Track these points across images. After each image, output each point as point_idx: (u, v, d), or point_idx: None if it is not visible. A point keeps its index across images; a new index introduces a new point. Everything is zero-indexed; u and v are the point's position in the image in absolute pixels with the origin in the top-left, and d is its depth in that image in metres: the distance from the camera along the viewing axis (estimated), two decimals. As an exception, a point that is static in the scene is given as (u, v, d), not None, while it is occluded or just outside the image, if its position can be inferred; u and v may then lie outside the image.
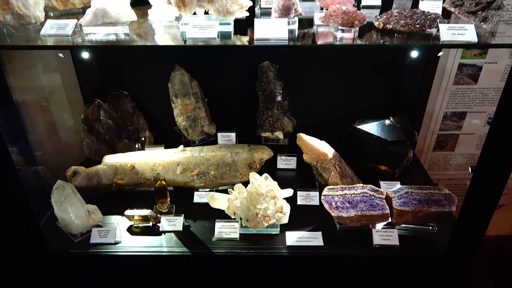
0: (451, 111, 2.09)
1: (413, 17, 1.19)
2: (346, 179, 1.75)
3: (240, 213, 1.54)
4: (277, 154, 1.97)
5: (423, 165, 2.25)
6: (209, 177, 1.75)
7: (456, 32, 1.12)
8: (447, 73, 1.97)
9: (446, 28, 1.13)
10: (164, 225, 1.61)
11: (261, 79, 1.94)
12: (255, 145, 1.85)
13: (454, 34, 1.12)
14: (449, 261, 1.51)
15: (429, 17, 1.19)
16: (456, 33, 1.12)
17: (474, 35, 1.12)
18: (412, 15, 1.20)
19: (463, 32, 1.12)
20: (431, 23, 1.18)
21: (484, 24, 1.22)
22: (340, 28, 1.17)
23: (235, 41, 1.29)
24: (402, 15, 1.22)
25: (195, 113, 1.95)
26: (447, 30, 1.13)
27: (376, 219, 1.54)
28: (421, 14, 1.20)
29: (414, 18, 1.19)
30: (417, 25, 1.18)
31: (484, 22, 1.22)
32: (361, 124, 1.85)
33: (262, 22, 1.20)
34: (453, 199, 1.55)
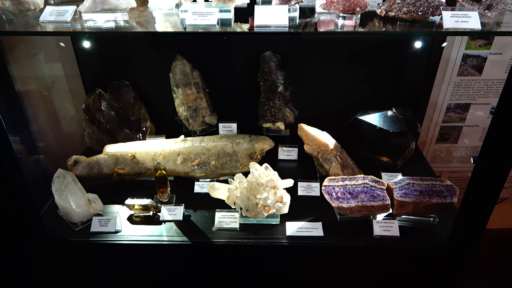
0: (454, 102, 2.07)
1: (416, 4, 1.17)
2: (347, 170, 1.74)
3: (240, 203, 1.54)
4: (279, 145, 1.96)
5: (426, 157, 2.23)
6: (210, 167, 1.74)
7: (459, 20, 1.10)
8: (451, 64, 1.94)
9: (449, 15, 1.11)
10: (165, 215, 1.61)
11: (263, 69, 1.92)
12: (256, 135, 1.84)
13: (458, 21, 1.10)
14: (450, 253, 1.50)
15: (432, 4, 1.17)
16: (460, 21, 1.10)
17: (477, 23, 1.09)
18: (415, 2, 1.18)
19: (466, 20, 1.10)
20: (434, 10, 1.16)
21: (488, 12, 1.20)
22: (341, 15, 1.15)
23: (235, 29, 1.27)
24: (405, 2, 1.20)
25: (196, 103, 1.95)
26: (451, 18, 1.11)
27: (377, 210, 1.53)
28: (424, 1, 1.18)
29: (417, 6, 1.17)
30: (419, 13, 1.16)
31: (488, 10, 1.20)
32: (363, 115, 1.83)
33: (263, 9, 1.19)
34: (455, 190, 1.53)
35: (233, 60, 1.97)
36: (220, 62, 1.98)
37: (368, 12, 1.26)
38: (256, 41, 1.92)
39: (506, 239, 2.73)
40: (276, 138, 1.95)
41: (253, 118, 2.02)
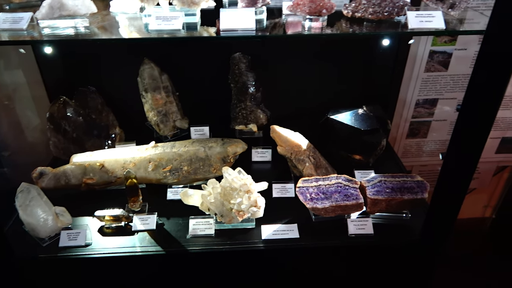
0: (423, 98, 2.11)
1: (381, 5, 1.18)
2: (320, 170, 1.74)
3: (214, 208, 1.51)
4: (252, 147, 1.94)
5: (397, 152, 2.27)
6: (182, 173, 1.70)
7: (424, 19, 1.11)
8: (418, 61, 1.97)
9: (414, 15, 1.12)
10: (137, 224, 1.56)
11: (233, 71, 1.90)
12: (229, 138, 1.81)
13: (422, 21, 1.11)
14: (423, 247, 1.52)
15: (397, 4, 1.17)
16: (424, 20, 1.11)
17: (441, 22, 1.11)
18: (381, 2, 1.18)
19: (430, 19, 1.11)
20: (399, 10, 1.17)
21: (452, 10, 1.22)
22: (308, 17, 1.14)
23: (201, 33, 1.24)
24: (370, 3, 1.20)
25: (166, 108, 1.90)
26: (415, 18, 1.11)
27: (351, 209, 1.54)
28: (389, 2, 1.18)
29: (383, 6, 1.17)
30: (385, 13, 1.16)
31: (452, 8, 1.22)
32: (334, 114, 1.84)
33: (228, 12, 1.16)
34: (425, 186, 1.56)
35: (203, 62, 1.94)
36: (189, 64, 1.94)
37: (335, 13, 1.26)
38: (226, 42, 1.89)
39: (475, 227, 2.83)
40: (249, 140, 1.93)
41: (225, 120, 2.00)
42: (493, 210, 2.74)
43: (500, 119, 2.22)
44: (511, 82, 2.11)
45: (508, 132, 2.28)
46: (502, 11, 1.02)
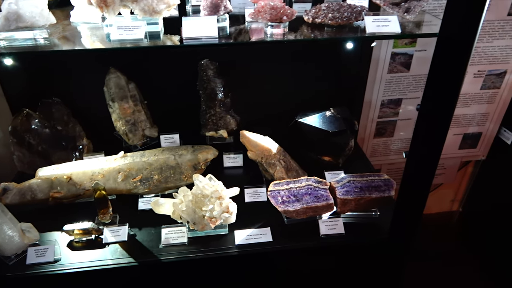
0: (387, 98, 2.17)
1: (340, 11, 1.21)
2: (291, 173, 1.76)
3: (186, 216, 1.50)
4: (223, 153, 1.94)
5: (366, 152, 2.33)
6: (153, 182, 1.69)
7: (380, 24, 1.15)
8: (381, 63, 2.04)
9: (371, 20, 1.16)
10: (108, 237, 1.54)
11: (201, 78, 1.90)
12: (199, 145, 1.81)
13: (379, 26, 1.15)
14: (392, 243, 1.57)
15: (355, 10, 1.21)
16: (381, 25, 1.15)
17: (397, 26, 1.15)
18: (339, 8, 1.22)
19: (387, 24, 1.15)
20: (357, 15, 1.20)
21: (407, 14, 1.27)
22: (269, 24, 1.16)
23: (165, 41, 1.24)
24: (330, 9, 1.23)
25: (134, 117, 1.88)
26: (372, 22, 1.15)
27: (322, 210, 1.56)
28: (347, 7, 1.22)
29: (341, 12, 1.21)
30: (344, 18, 1.20)
31: (407, 12, 1.27)
32: (303, 117, 1.87)
33: (191, 21, 1.16)
34: (392, 184, 1.60)
35: (170, 70, 1.93)
36: (157, 72, 1.93)
37: (296, 19, 1.28)
38: (193, 49, 1.89)
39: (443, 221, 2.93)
40: (220, 146, 1.93)
41: (195, 127, 2.00)
42: (459, 203, 2.85)
43: (461, 116, 2.32)
44: (470, 81, 2.22)
45: (470, 128, 2.38)
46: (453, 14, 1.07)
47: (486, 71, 2.15)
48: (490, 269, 2.53)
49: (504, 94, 2.25)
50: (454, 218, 2.90)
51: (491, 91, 2.24)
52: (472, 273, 2.54)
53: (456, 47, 1.11)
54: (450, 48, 1.12)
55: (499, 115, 2.34)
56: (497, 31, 2.02)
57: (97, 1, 1.14)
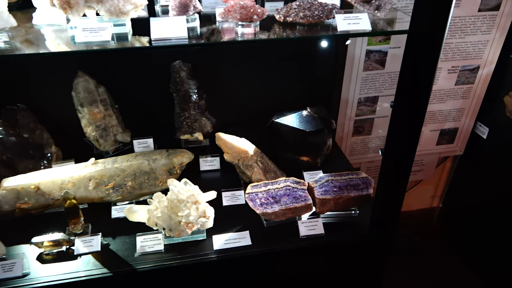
0: (364, 96, 2.22)
1: (311, 9, 1.24)
2: (269, 174, 1.78)
3: (162, 223, 1.50)
4: (199, 156, 1.94)
5: (344, 151, 2.37)
6: (127, 189, 1.67)
7: (351, 22, 1.18)
8: (356, 60, 2.08)
9: (342, 18, 1.19)
10: (80, 248, 1.51)
11: (174, 80, 1.90)
12: (174, 149, 1.80)
13: (350, 23, 1.18)
14: (372, 241, 1.60)
15: (326, 8, 1.24)
16: (352, 23, 1.18)
17: (368, 24, 1.18)
18: (310, 6, 1.24)
19: (357, 22, 1.18)
20: (328, 14, 1.23)
21: (378, 12, 1.30)
22: (240, 24, 1.17)
23: (133, 43, 1.23)
24: (301, 7, 1.25)
25: (105, 122, 1.86)
26: (343, 20, 1.18)
27: (301, 211, 1.58)
28: (318, 6, 1.25)
29: (312, 10, 1.23)
30: (315, 17, 1.22)
31: (377, 10, 1.30)
32: (279, 117, 1.89)
33: (159, 21, 1.17)
34: (370, 182, 1.64)
35: (142, 72, 1.92)
36: (128, 75, 1.91)
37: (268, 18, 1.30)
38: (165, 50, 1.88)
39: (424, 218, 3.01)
40: (196, 149, 1.94)
41: (170, 131, 1.99)
42: (439, 199, 2.93)
43: (437, 112, 2.39)
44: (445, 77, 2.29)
45: (446, 124, 2.45)
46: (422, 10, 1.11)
47: (460, 66, 2.23)
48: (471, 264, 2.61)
49: (478, 89, 2.33)
50: (435, 214, 2.99)
51: (466, 87, 2.32)
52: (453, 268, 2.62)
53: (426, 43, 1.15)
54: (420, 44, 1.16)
55: (474, 110, 2.42)
56: (469, 27, 2.09)
57: (60, 3, 1.12)
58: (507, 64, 2.22)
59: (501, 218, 2.34)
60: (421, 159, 2.59)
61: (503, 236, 2.33)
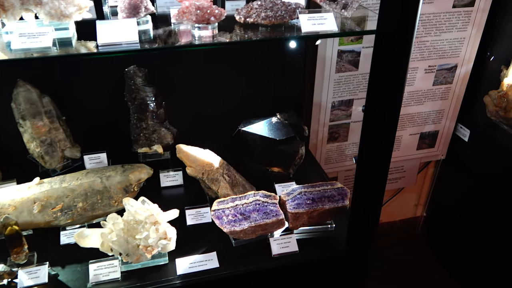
0: (338, 100, 2.28)
1: (274, 9, 1.27)
2: (237, 188, 1.79)
3: (118, 248, 1.48)
4: (160, 171, 1.93)
5: (320, 159, 2.42)
6: (77, 211, 1.65)
7: (316, 22, 1.22)
8: (328, 62, 2.14)
9: (306, 18, 1.23)
10: (24, 280, 1.47)
11: (129, 87, 1.89)
12: (130, 164, 1.79)
13: (315, 24, 1.22)
14: (349, 256, 1.64)
15: (289, 8, 1.28)
16: (317, 23, 1.22)
17: (334, 25, 1.23)
18: (273, 6, 1.28)
19: (323, 22, 1.23)
20: (291, 14, 1.27)
21: (345, 11, 1.35)
22: (196, 26, 1.19)
23: (78, 49, 1.23)
24: (262, 7, 1.29)
25: (51, 136, 1.83)
26: (307, 21, 1.22)
27: (272, 227, 1.60)
28: (281, 5, 1.28)
29: (275, 10, 1.27)
30: (278, 17, 1.26)
31: (344, 9, 1.35)
32: (246, 126, 1.91)
33: (106, 24, 1.17)
34: (346, 193, 1.68)
35: (92, 79, 1.90)
36: (76, 83, 1.90)
37: (228, 18, 1.33)
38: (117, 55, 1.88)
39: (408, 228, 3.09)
40: (156, 163, 1.93)
41: (125, 144, 1.97)
42: (423, 208, 3.03)
43: (416, 115, 2.48)
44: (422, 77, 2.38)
45: (426, 127, 2.55)
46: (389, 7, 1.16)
47: (437, 66, 2.33)
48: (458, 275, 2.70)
49: (457, 89, 2.44)
50: (419, 224, 3.08)
51: (444, 87, 2.42)
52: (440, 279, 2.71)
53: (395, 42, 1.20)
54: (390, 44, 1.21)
55: (454, 111, 2.52)
56: (444, 24, 2.19)
57: (-8, 5, 1.11)
58: (484, 62, 2.34)
59: (487, 225, 2.44)
60: (402, 165, 2.67)
61: (490, 245, 2.43)
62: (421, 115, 2.49)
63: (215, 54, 1.95)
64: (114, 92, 1.92)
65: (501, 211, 2.32)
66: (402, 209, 2.99)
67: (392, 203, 2.89)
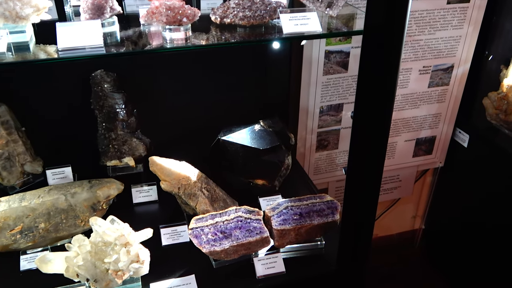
0: (326, 104, 2.30)
1: (252, 8, 1.28)
2: (217, 204, 1.79)
3: (84, 273, 1.47)
4: (131, 186, 1.93)
5: (308, 169, 2.43)
6: (39, 233, 1.63)
7: (298, 23, 1.24)
8: (314, 63, 2.16)
9: (287, 18, 1.24)
10: (-22, 312, 1.45)
11: (96, 93, 1.89)
12: (98, 179, 1.78)
13: (297, 24, 1.23)
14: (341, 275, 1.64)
15: (269, 7, 1.29)
16: (299, 24, 1.23)
17: (317, 24, 1.24)
18: (251, 5, 1.29)
19: (306, 22, 1.24)
20: (272, 13, 1.28)
21: (330, 10, 1.37)
22: (167, 28, 1.19)
23: (37, 54, 1.22)
24: (240, 7, 1.30)
25: (9, 149, 1.82)
26: (289, 21, 1.23)
27: (256, 246, 1.60)
28: (260, 4, 1.30)
29: (253, 9, 1.28)
30: (257, 17, 1.27)
31: (329, 8, 1.37)
32: (226, 134, 1.91)
33: (67, 27, 1.16)
34: (336, 206, 1.69)
35: (54, 85, 1.89)
36: (36, 89, 1.88)
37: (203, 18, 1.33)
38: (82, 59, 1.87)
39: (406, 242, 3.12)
40: (127, 177, 1.92)
41: (93, 156, 1.96)
42: (421, 220, 3.06)
43: (411, 119, 2.51)
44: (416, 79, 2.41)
45: (422, 132, 2.58)
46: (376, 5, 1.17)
47: (432, 66, 2.37)
48: (460, 292, 2.73)
49: (454, 90, 2.48)
50: (417, 237, 3.11)
51: (440, 89, 2.46)
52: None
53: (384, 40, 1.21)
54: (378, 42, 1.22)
55: (452, 115, 2.57)
56: (438, 21, 2.23)
57: None
58: (483, 62, 2.39)
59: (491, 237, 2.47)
60: (397, 174, 2.70)
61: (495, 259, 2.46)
62: (416, 120, 2.53)
63: (190, 57, 1.96)
64: (79, 100, 1.91)
65: (506, 222, 2.35)
66: (398, 221, 3.01)
67: (387, 215, 2.92)
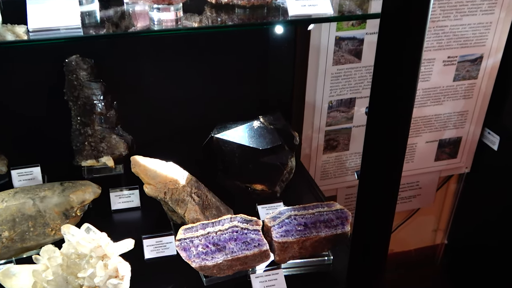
0: (336, 99, 2.30)
1: (253, -14, 1.28)
2: (209, 211, 1.79)
3: (55, 289, 1.47)
4: (110, 190, 1.93)
5: (315, 173, 2.43)
6: (2, 242, 1.64)
7: (306, 4, 1.24)
8: (323, 52, 2.16)
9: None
10: None
11: (70, 82, 1.89)
12: (72, 181, 1.79)
13: (305, 5, 1.23)
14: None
15: (273, -16, 1.29)
16: (307, 5, 1.24)
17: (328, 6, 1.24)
18: (252, -18, 1.29)
19: (315, 3, 1.24)
20: (275, -8, 1.28)
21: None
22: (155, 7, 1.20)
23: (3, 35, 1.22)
24: (239, -16, 1.30)
25: (-32, 146, 1.81)
26: (296, 1, 1.23)
27: (253, 261, 1.61)
28: (262, -19, 1.30)
29: (254, -13, 1.28)
30: (258, -4, 1.27)
31: (342, -13, 1.38)
32: (221, 132, 1.92)
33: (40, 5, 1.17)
34: (346, 216, 1.70)
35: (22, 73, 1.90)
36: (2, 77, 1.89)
37: (198, -2, 1.35)
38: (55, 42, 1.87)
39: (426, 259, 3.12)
40: (105, 180, 1.93)
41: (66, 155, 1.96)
42: (444, 234, 3.07)
43: (433, 117, 2.52)
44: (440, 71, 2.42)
45: (446, 132, 2.59)
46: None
47: (458, 56, 2.37)
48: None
49: (483, 85, 2.49)
50: (439, 254, 3.11)
51: (467, 83, 2.47)
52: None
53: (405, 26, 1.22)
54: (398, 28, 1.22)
55: (480, 113, 2.57)
56: (466, 5, 2.24)
57: None
58: (516, 53, 2.40)
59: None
60: (417, 180, 2.71)
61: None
62: (439, 118, 2.54)
63: (180, 42, 1.96)
64: (50, 90, 1.91)
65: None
66: (418, 235, 3.02)
67: (405, 228, 2.93)
